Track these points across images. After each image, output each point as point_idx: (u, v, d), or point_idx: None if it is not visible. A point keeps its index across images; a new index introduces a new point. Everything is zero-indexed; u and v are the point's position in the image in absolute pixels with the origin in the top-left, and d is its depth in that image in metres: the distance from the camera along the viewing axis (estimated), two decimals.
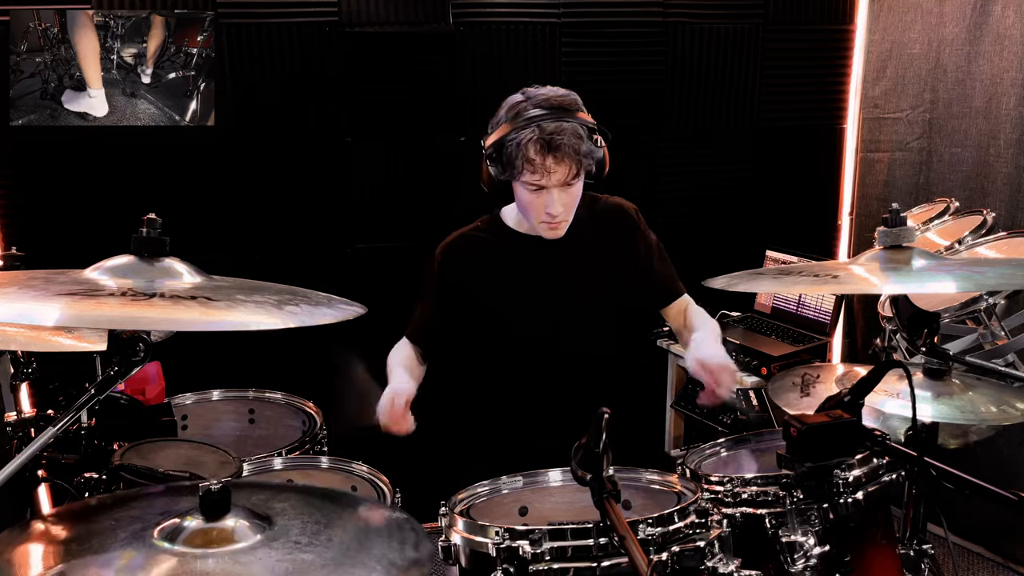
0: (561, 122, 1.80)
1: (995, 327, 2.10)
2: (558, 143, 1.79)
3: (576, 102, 1.87)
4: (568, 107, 1.84)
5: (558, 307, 2.00)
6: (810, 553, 1.54)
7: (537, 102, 1.83)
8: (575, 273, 2.00)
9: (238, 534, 1.08)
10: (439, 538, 1.45)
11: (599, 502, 1.24)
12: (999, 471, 2.77)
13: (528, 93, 1.87)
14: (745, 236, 3.34)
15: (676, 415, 3.30)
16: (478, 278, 2.01)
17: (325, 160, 2.96)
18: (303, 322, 1.16)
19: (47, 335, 1.65)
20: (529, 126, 1.80)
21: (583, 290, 2.01)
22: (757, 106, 3.28)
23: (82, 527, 1.13)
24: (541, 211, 1.88)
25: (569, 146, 1.80)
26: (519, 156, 1.81)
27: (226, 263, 2.82)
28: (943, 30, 2.99)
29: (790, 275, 1.69)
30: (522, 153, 1.80)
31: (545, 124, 1.79)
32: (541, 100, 1.83)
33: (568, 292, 2.00)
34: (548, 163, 1.80)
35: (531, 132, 1.79)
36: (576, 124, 1.82)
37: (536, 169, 1.81)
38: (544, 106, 1.82)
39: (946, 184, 3.02)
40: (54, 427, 1.19)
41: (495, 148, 1.86)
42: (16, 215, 2.76)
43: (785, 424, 1.41)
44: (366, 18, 2.88)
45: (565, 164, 1.81)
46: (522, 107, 1.84)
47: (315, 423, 2.16)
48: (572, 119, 1.82)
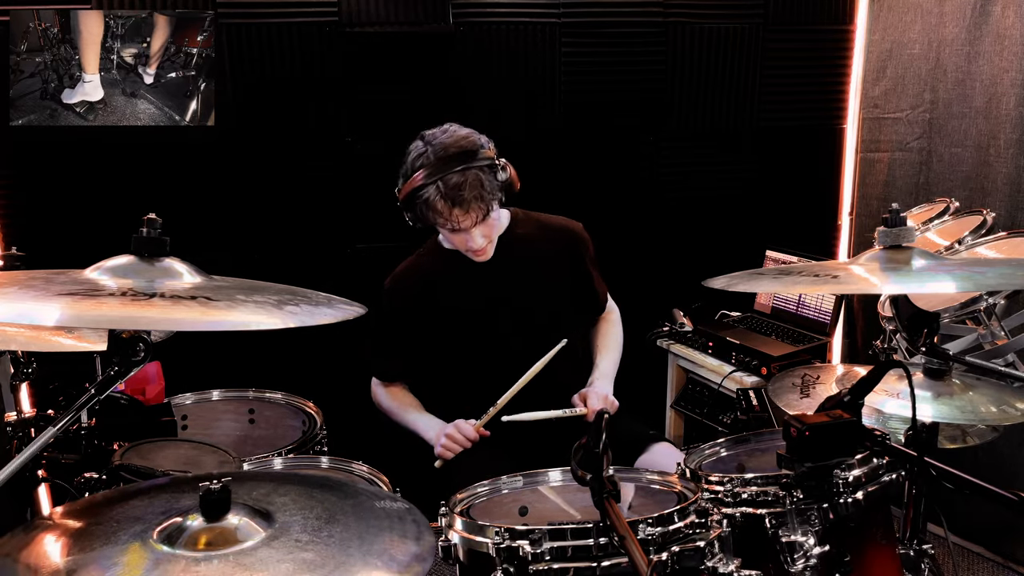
0: (462, 173, 1.91)
1: (995, 327, 2.10)
2: (461, 197, 1.91)
3: (474, 143, 1.97)
4: (467, 150, 1.94)
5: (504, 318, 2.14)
6: (810, 553, 1.54)
7: (437, 151, 1.94)
8: (516, 286, 2.14)
9: (239, 533, 1.08)
10: (439, 538, 1.45)
11: (599, 502, 1.24)
12: (999, 471, 2.77)
13: (427, 139, 1.98)
14: (745, 236, 3.34)
15: (676, 415, 3.30)
16: (427, 303, 2.15)
17: (325, 160, 2.96)
18: (303, 322, 1.16)
19: (47, 335, 1.65)
20: (432, 183, 1.91)
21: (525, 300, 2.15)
22: (757, 106, 3.28)
23: (84, 527, 1.13)
24: (464, 246, 2.05)
25: (472, 197, 1.92)
26: (428, 211, 1.95)
27: (226, 263, 2.82)
28: (943, 30, 2.99)
29: (790, 275, 1.69)
30: (430, 209, 1.95)
31: (448, 178, 1.90)
32: (440, 149, 1.94)
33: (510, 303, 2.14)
34: (455, 215, 1.94)
35: (434, 189, 1.92)
36: (476, 170, 1.92)
37: (446, 221, 1.96)
38: (443, 156, 1.93)
39: (946, 184, 3.02)
40: (54, 427, 1.19)
41: (406, 201, 1.99)
42: (16, 215, 2.76)
43: (785, 424, 1.41)
44: (366, 18, 2.88)
45: (472, 213, 1.95)
46: (424, 158, 1.95)
47: (315, 423, 2.16)
48: (472, 164, 1.92)
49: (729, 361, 2.99)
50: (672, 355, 3.26)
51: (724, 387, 2.94)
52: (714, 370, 3.01)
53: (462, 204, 1.92)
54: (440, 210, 1.93)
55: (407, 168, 1.99)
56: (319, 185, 2.97)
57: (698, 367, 3.12)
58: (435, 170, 1.92)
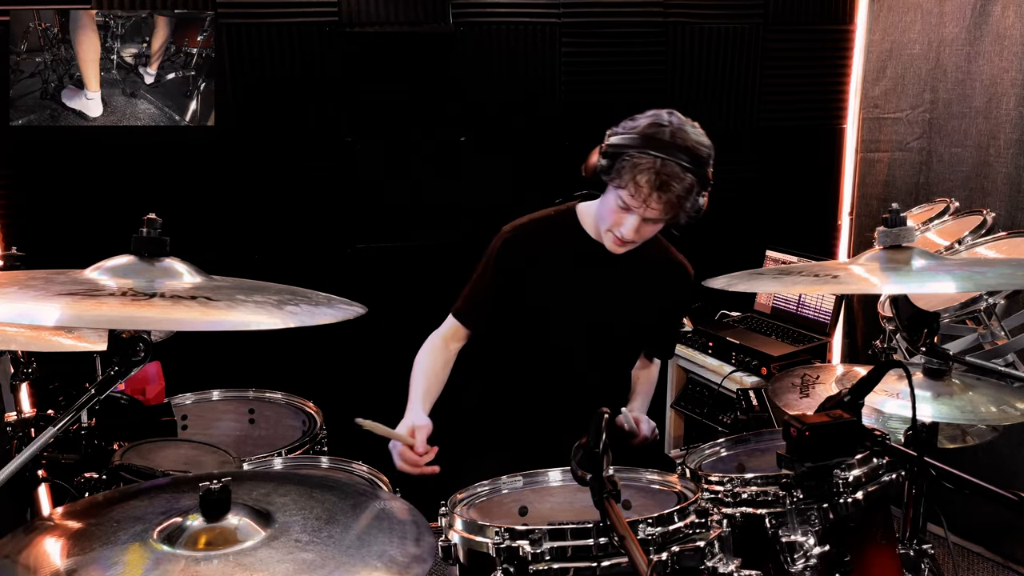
0: (686, 172, 1.81)
1: (995, 327, 2.10)
2: (669, 187, 1.81)
3: (710, 156, 1.87)
4: (702, 157, 1.85)
5: (592, 314, 2.05)
6: (810, 553, 1.54)
7: (678, 135, 1.83)
8: (623, 293, 2.06)
9: (239, 534, 1.08)
10: (439, 538, 1.45)
11: (599, 502, 1.24)
12: (999, 471, 2.77)
13: (676, 119, 1.87)
14: (745, 236, 3.34)
15: (676, 415, 3.30)
16: (535, 264, 2.04)
17: (325, 160, 2.96)
18: (303, 322, 1.16)
19: (47, 335, 1.65)
20: (658, 157, 1.80)
21: (624, 310, 2.07)
22: (757, 106, 3.28)
23: (84, 527, 1.13)
24: (616, 226, 1.91)
25: (676, 196, 1.82)
26: (629, 173, 1.82)
27: (226, 263, 2.82)
28: (943, 30, 2.99)
29: (790, 275, 1.68)
30: (634, 175, 1.82)
31: (671, 164, 1.80)
32: (682, 135, 1.83)
33: (611, 306, 2.06)
34: (651, 197, 1.83)
35: (651, 161, 1.80)
36: (696, 178, 1.83)
37: (637, 195, 1.83)
38: (682, 144, 1.82)
39: (946, 184, 3.02)
40: (54, 427, 1.19)
41: (614, 150, 1.86)
42: (16, 215, 2.76)
43: (785, 424, 1.41)
44: (366, 18, 2.88)
45: (665, 207, 1.84)
46: (661, 131, 1.83)
47: (315, 423, 2.16)
48: (696, 171, 1.83)
49: (729, 361, 2.99)
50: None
51: (724, 387, 2.94)
52: (714, 370, 3.01)
53: (664, 193, 1.80)
54: (641, 184, 1.80)
55: (639, 124, 1.86)
56: (319, 185, 2.97)
57: (698, 367, 3.13)
58: (668, 149, 1.80)
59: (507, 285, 2.04)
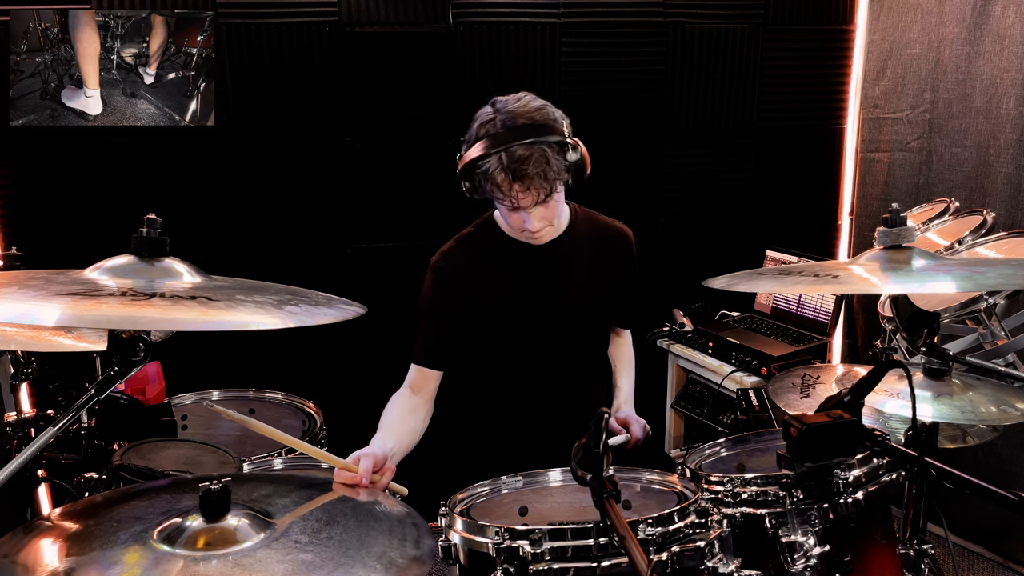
0: (528, 147, 1.76)
1: (995, 327, 2.10)
2: (523, 172, 1.76)
3: (547, 117, 1.81)
4: (538, 123, 1.79)
5: (548, 309, 2.02)
6: (810, 553, 1.54)
7: (505, 120, 1.79)
8: (571, 279, 2.03)
9: (238, 534, 1.08)
10: (439, 538, 1.45)
11: (599, 502, 1.24)
12: (999, 471, 2.78)
13: (498, 107, 1.83)
14: (745, 236, 3.35)
15: (676, 415, 3.30)
16: (475, 283, 2.01)
17: (325, 160, 2.96)
18: (303, 322, 1.16)
19: (47, 335, 1.65)
20: (495, 154, 1.77)
21: (578, 295, 2.04)
22: (757, 106, 3.28)
23: (84, 527, 1.13)
24: (520, 225, 1.90)
25: (536, 174, 1.77)
26: (487, 183, 1.81)
27: (226, 263, 2.82)
28: (943, 30, 2.99)
29: (790, 275, 1.68)
30: (490, 181, 1.80)
31: (512, 150, 1.76)
32: (508, 118, 1.79)
33: (565, 296, 2.03)
34: (515, 191, 1.80)
35: (497, 160, 1.77)
36: (544, 146, 1.77)
37: (506, 195, 1.81)
38: (511, 126, 1.78)
39: (946, 184, 3.02)
40: (54, 427, 1.19)
41: (465, 170, 1.84)
42: (16, 215, 2.76)
43: (785, 424, 1.41)
44: (366, 18, 2.88)
45: (533, 191, 1.80)
46: (490, 126, 1.80)
47: (315, 423, 2.16)
48: (540, 139, 1.77)
49: (729, 361, 2.99)
50: (672, 355, 3.26)
51: (724, 387, 2.94)
52: (714, 370, 3.01)
53: (524, 180, 1.76)
54: (500, 184, 1.78)
55: (471, 134, 1.84)
56: (319, 185, 2.97)
57: (698, 367, 3.13)
58: (500, 140, 1.76)
59: (455, 312, 2.00)
